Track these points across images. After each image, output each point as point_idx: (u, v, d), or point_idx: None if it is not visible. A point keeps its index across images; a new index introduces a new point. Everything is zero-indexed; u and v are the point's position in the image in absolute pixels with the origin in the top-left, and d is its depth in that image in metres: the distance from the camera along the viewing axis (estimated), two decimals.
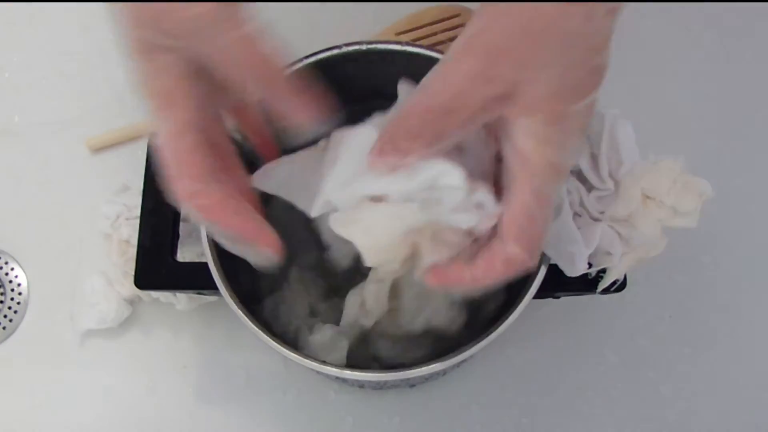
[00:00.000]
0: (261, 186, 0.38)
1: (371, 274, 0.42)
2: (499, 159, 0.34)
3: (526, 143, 0.30)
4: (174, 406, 0.56)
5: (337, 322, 0.51)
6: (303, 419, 0.55)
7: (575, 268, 0.41)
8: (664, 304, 0.58)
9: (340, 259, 0.41)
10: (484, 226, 0.33)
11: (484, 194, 0.32)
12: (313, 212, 0.36)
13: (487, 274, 0.32)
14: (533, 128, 0.30)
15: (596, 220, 0.42)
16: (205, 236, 0.44)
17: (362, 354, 0.50)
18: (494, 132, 0.33)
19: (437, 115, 0.29)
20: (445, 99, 0.29)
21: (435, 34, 0.64)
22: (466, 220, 0.33)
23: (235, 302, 0.43)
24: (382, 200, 0.33)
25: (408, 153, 0.30)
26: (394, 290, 0.43)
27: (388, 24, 0.64)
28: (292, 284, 0.51)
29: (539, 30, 0.27)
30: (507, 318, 0.41)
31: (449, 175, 0.32)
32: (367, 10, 0.64)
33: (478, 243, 0.34)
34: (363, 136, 0.34)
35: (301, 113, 0.34)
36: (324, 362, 0.42)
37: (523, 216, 0.31)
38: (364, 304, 0.44)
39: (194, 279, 0.46)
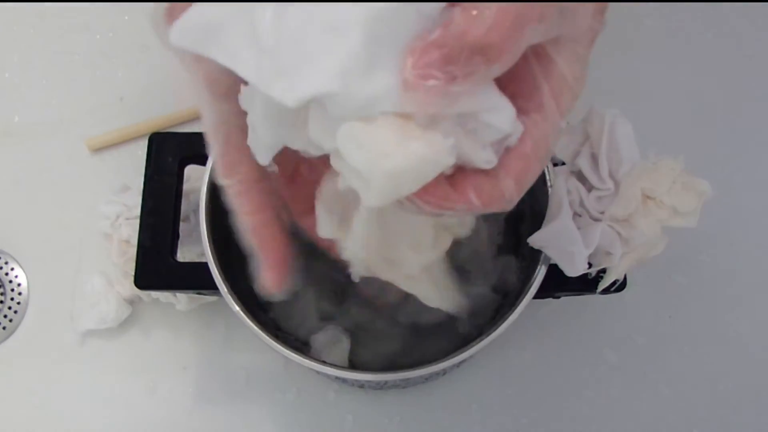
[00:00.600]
0: (183, 40, 0.26)
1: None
2: None
3: (567, 66, 0.27)
4: (174, 407, 0.56)
5: (349, 327, 0.51)
6: (303, 419, 0.55)
7: (575, 268, 0.41)
8: (664, 304, 0.58)
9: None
10: (500, 153, 0.27)
11: (517, 124, 0.27)
12: (294, 100, 0.24)
13: (471, 204, 0.28)
14: (577, 49, 0.27)
15: (596, 220, 0.42)
16: (205, 236, 0.44)
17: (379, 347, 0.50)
18: None
19: (508, 24, 0.24)
20: (529, 7, 0.24)
21: None
22: (494, 159, 0.27)
23: (235, 302, 0.43)
24: (408, 119, 0.25)
25: (463, 79, 0.24)
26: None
27: None
28: (305, 284, 0.51)
29: None
30: (507, 318, 0.41)
31: (498, 114, 0.26)
32: None
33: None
34: (384, 3, 0.24)
35: None
36: (324, 362, 0.42)
37: (535, 154, 0.28)
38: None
39: (194, 279, 0.46)
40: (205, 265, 0.44)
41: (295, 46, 0.24)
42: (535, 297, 0.42)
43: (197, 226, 0.46)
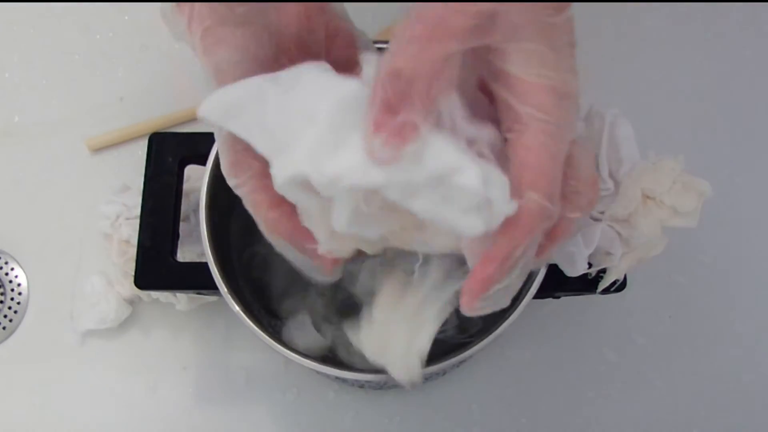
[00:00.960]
0: (211, 115, 0.29)
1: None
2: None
3: (519, 68, 0.27)
4: (174, 406, 0.56)
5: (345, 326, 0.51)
6: (303, 419, 0.55)
7: (575, 268, 0.41)
8: (664, 304, 0.58)
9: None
10: (497, 222, 0.27)
11: (498, 184, 0.27)
12: (280, 178, 0.28)
13: (512, 245, 0.27)
14: (524, 48, 0.27)
15: (596, 220, 0.42)
16: (205, 236, 0.44)
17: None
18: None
19: (405, 44, 0.25)
20: (431, 24, 0.25)
21: None
22: (479, 225, 0.27)
23: (235, 302, 0.43)
24: (377, 193, 0.27)
25: (406, 110, 0.25)
26: None
27: (388, 24, 0.64)
28: (315, 291, 0.51)
29: None
30: (507, 318, 0.41)
31: (463, 175, 0.26)
32: (367, 10, 0.64)
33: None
34: (348, 92, 0.27)
35: None
36: (324, 362, 0.42)
37: (534, 155, 0.27)
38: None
39: (194, 279, 0.46)
40: (205, 265, 0.44)
41: (285, 130, 0.27)
42: (535, 297, 0.42)
43: (197, 226, 0.46)
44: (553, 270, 0.42)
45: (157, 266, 0.46)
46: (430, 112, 0.26)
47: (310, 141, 0.27)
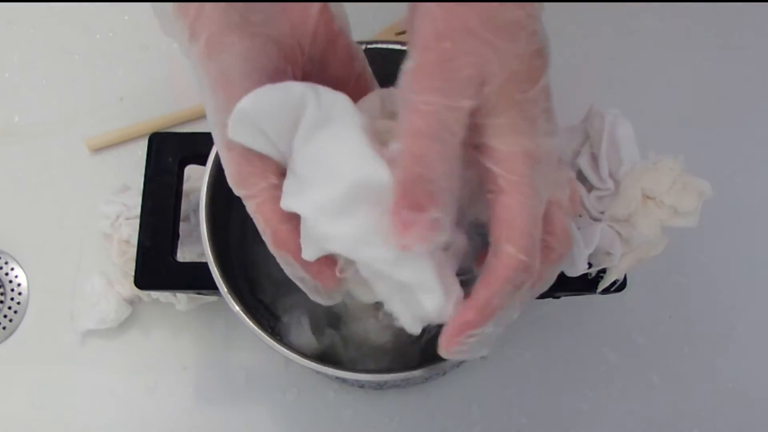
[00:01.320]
0: (253, 109, 0.30)
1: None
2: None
3: (495, 141, 0.29)
4: (174, 406, 0.56)
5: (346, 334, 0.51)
6: (303, 419, 0.55)
7: (575, 268, 0.41)
8: (664, 304, 0.58)
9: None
10: (433, 321, 0.30)
11: (444, 313, 0.29)
12: (282, 205, 0.30)
13: (490, 294, 0.29)
14: (498, 122, 0.29)
15: (596, 220, 0.42)
16: (205, 236, 0.44)
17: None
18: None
19: (439, 137, 0.28)
20: (433, 137, 0.28)
21: None
22: (417, 330, 0.30)
23: (235, 302, 0.43)
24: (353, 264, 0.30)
25: (433, 204, 0.28)
26: None
27: (388, 24, 0.64)
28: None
29: (484, 24, 0.27)
30: None
31: (428, 297, 0.29)
32: (367, 10, 0.64)
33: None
34: (376, 178, 0.28)
35: None
36: (324, 362, 0.42)
37: (511, 214, 0.29)
38: None
39: (194, 279, 0.46)
40: (205, 265, 0.44)
41: (307, 162, 0.29)
42: (535, 297, 0.42)
43: (197, 226, 0.46)
44: None
45: (157, 266, 0.46)
46: (446, 205, 0.28)
47: (320, 196, 0.28)
